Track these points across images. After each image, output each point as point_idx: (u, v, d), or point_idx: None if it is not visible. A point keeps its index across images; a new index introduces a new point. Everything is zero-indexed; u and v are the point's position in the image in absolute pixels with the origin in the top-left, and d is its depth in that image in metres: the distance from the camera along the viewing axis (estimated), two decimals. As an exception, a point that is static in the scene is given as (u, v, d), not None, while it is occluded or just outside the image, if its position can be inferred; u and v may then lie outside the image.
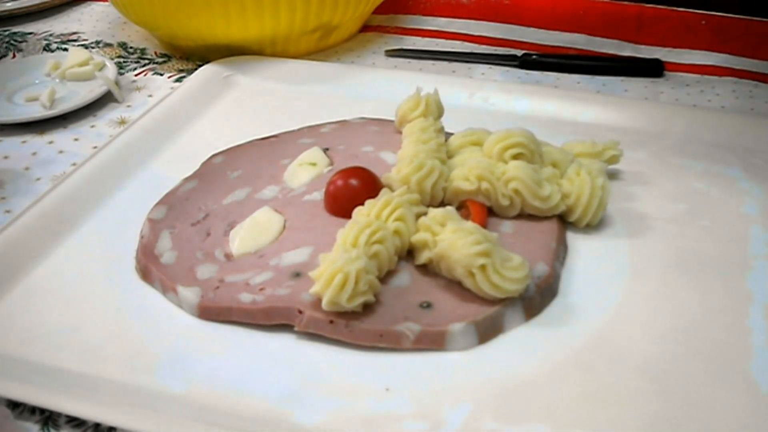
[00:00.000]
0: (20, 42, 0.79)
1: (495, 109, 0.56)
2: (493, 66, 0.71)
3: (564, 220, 0.46)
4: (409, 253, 0.43)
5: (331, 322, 0.38)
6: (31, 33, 0.81)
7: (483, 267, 0.39)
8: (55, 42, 0.78)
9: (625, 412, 0.35)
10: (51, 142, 0.59)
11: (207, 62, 0.68)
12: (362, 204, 0.43)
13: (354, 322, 0.38)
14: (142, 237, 0.46)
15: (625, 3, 0.80)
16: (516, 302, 0.40)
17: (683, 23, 0.76)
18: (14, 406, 0.36)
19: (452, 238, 0.39)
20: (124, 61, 0.73)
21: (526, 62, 0.70)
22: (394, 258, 0.42)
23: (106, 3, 0.87)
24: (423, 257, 0.42)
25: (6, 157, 0.57)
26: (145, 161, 0.54)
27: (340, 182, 0.46)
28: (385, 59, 0.73)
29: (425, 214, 0.43)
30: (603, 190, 0.45)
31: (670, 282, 0.42)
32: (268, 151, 0.54)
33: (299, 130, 0.57)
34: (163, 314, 0.41)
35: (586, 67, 0.69)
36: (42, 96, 0.63)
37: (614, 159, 0.50)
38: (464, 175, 0.46)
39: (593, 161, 0.48)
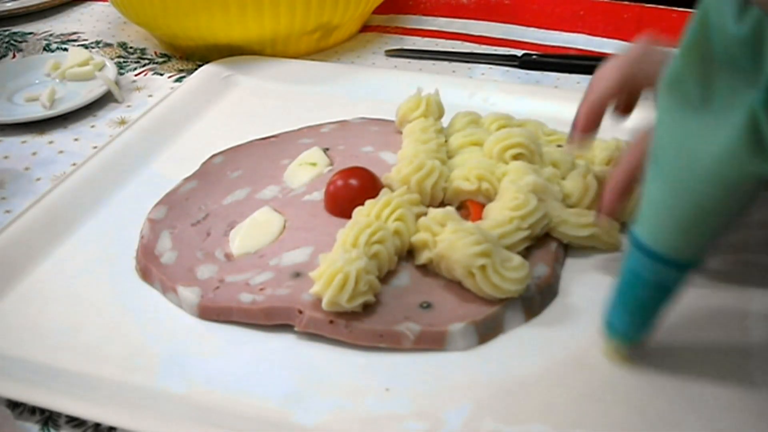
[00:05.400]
0: (20, 42, 0.79)
1: (495, 109, 0.55)
2: (493, 66, 0.71)
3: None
4: (409, 253, 0.43)
5: (331, 322, 0.38)
6: (31, 33, 0.81)
7: (483, 267, 0.39)
8: (55, 42, 0.78)
9: (625, 412, 0.35)
10: (51, 142, 0.59)
11: (207, 62, 0.68)
12: (362, 204, 0.43)
13: (354, 322, 0.38)
14: (142, 237, 0.46)
15: (625, 3, 0.81)
16: (516, 302, 0.40)
17: (683, 23, 0.76)
18: (14, 406, 0.36)
19: (452, 239, 0.39)
20: (124, 61, 0.73)
21: (526, 62, 0.70)
22: (394, 258, 0.42)
23: (106, 3, 0.87)
24: (423, 257, 0.42)
25: (6, 157, 0.57)
26: (145, 161, 0.54)
27: (340, 182, 0.46)
28: (385, 59, 0.73)
29: (425, 214, 0.43)
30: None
31: (670, 282, 0.42)
32: (268, 151, 0.54)
33: (299, 130, 0.57)
34: (163, 314, 0.41)
35: (586, 67, 0.68)
36: (42, 96, 0.63)
37: None
38: (464, 175, 0.46)
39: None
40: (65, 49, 0.75)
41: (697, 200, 0.29)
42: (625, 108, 0.44)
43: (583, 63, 0.69)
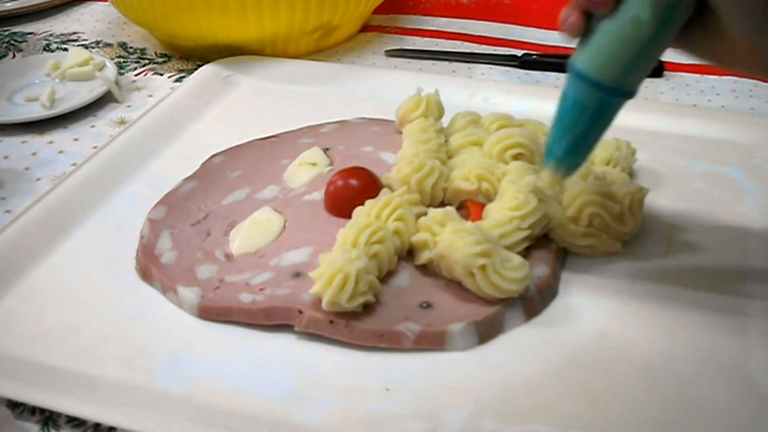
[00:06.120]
0: (20, 42, 0.79)
1: (495, 109, 0.56)
2: (493, 66, 0.71)
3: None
4: (409, 253, 0.43)
5: (331, 322, 0.38)
6: (31, 33, 0.81)
7: (483, 267, 0.39)
8: (55, 42, 0.78)
9: (625, 412, 0.35)
10: (51, 142, 0.59)
11: (207, 62, 0.68)
12: (362, 204, 0.43)
13: (354, 322, 0.38)
14: (142, 237, 0.46)
15: (625, 3, 0.80)
16: (516, 302, 0.40)
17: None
18: (14, 406, 0.36)
19: (452, 239, 0.39)
20: (124, 61, 0.73)
21: (526, 62, 0.70)
22: (394, 258, 0.42)
23: (106, 3, 0.87)
24: (423, 257, 0.42)
25: (6, 157, 0.57)
26: (145, 161, 0.54)
27: (340, 182, 0.46)
28: (385, 59, 0.73)
29: (425, 214, 0.43)
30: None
31: (670, 282, 0.42)
32: (268, 151, 0.54)
33: (299, 130, 0.57)
34: (163, 314, 0.41)
35: (586, 67, 0.68)
36: (42, 96, 0.63)
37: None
38: (464, 175, 0.46)
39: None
40: (65, 49, 0.75)
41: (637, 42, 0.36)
42: None
43: (583, 63, 0.69)
